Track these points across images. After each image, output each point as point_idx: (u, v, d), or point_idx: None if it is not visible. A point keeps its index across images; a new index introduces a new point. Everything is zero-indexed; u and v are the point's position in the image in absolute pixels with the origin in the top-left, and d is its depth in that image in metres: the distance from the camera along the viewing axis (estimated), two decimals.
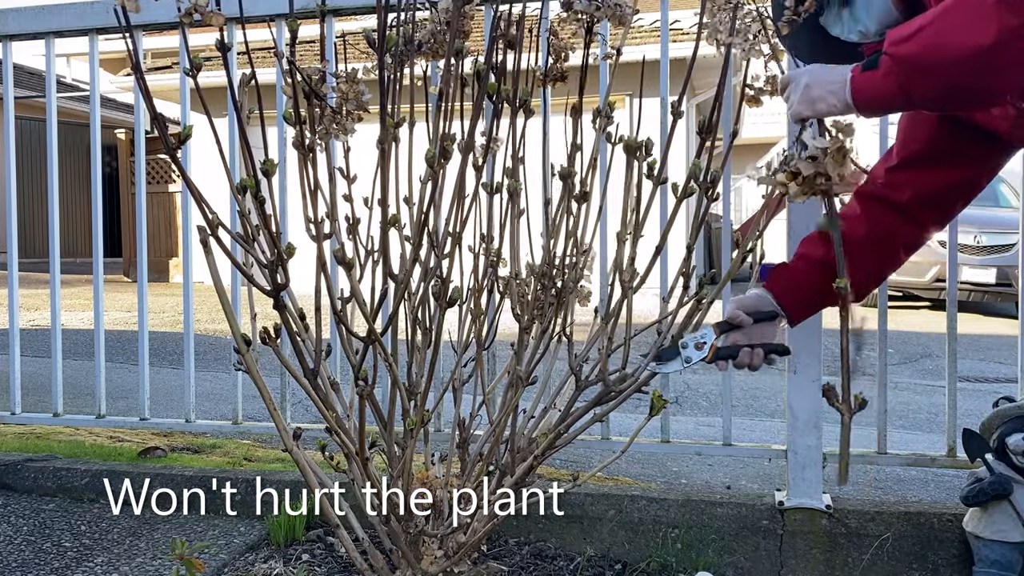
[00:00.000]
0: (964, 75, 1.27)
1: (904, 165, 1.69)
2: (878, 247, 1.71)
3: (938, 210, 1.72)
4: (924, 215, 1.71)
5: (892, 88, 1.33)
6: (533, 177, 1.81)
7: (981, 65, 1.24)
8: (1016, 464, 1.88)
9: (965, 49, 1.23)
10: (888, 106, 1.43)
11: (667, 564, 2.10)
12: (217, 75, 2.02)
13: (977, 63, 1.24)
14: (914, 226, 1.72)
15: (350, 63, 1.60)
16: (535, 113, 1.79)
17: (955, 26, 1.24)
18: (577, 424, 1.75)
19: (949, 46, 1.25)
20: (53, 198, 2.70)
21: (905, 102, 1.38)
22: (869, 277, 1.74)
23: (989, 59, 1.23)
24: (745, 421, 4.27)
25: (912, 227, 1.72)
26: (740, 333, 1.65)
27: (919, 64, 1.29)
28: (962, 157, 1.65)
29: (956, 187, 1.69)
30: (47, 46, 2.71)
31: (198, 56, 1.46)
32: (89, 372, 3.20)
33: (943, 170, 1.66)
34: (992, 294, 9.00)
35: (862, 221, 1.70)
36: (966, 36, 1.23)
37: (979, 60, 1.23)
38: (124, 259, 12.56)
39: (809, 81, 1.44)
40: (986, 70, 1.25)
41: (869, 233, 1.69)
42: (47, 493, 2.53)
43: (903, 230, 1.71)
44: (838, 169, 1.39)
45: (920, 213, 1.70)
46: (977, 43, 1.22)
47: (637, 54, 2.00)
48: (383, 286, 1.59)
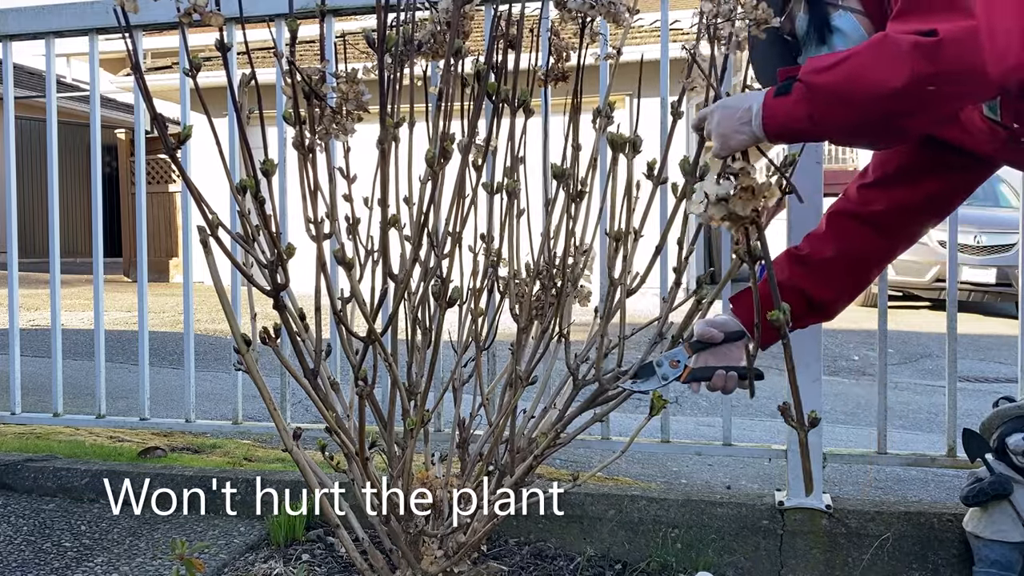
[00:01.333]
0: (874, 112, 1.30)
1: (880, 183, 1.70)
2: (848, 264, 1.71)
3: (912, 226, 1.73)
4: (897, 232, 1.71)
5: (801, 115, 1.33)
6: (534, 177, 1.81)
7: (892, 105, 1.27)
8: (1016, 464, 1.88)
9: (880, 87, 1.26)
10: (796, 134, 1.41)
11: (667, 564, 2.10)
12: (217, 75, 2.02)
13: (888, 103, 1.27)
14: (885, 239, 1.72)
15: (350, 63, 1.60)
16: (535, 113, 1.79)
17: (873, 64, 1.27)
18: (577, 424, 1.75)
19: (864, 81, 1.27)
20: (53, 198, 2.70)
21: (813, 130, 1.38)
22: (840, 295, 1.73)
23: (899, 101, 1.26)
24: (745, 421, 4.27)
25: (882, 240, 1.72)
26: (710, 353, 1.64)
27: (833, 95, 1.30)
28: (938, 175, 1.67)
29: (931, 204, 1.70)
30: (47, 46, 2.71)
31: (198, 56, 1.46)
32: (89, 372, 3.20)
33: (918, 188, 1.67)
34: (992, 294, 9.00)
35: (829, 239, 1.71)
36: (881, 74, 1.26)
37: (890, 100, 1.26)
38: (124, 259, 12.56)
39: (719, 117, 1.41)
40: (895, 111, 1.29)
41: (838, 251, 1.69)
42: (47, 493, 2.53)
43: (873, 244, 1.71)
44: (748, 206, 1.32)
45: (894, 229, 1.70)
46: (890, 83, 1.25)
47: (637, 54, 2.00)
48: (383, 286, 1.59)
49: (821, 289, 1.69)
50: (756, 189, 1.31)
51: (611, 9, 1.66)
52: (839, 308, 1.75)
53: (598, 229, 1.89)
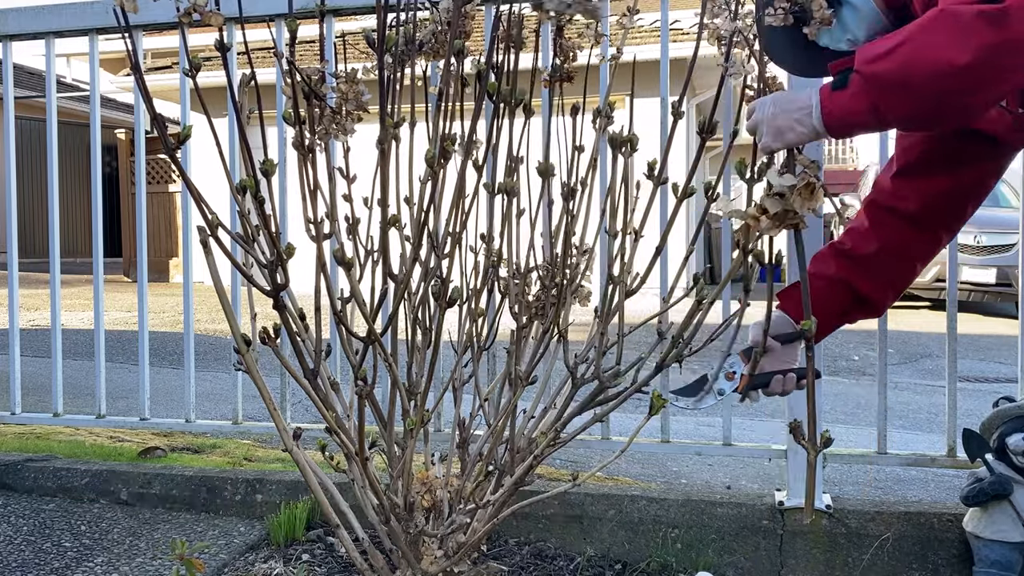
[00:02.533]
0: (941, 93, 1.23)
1: (904, 173, 1.67)
2: (891, 258, 1.68)
3: (948, 215, 1.70)
4: (935, 223, 1.69)
5: (863, 107, 1.29)
6: (534, 177, 1.81)
7: (958, 83, 1.21)
8: (1016, 464, 1.88)
9: (943, 66, 1.19)
10: (858, 126, 1.37)
11: (667, 564, 2.10)
12: (217, 75, 2.02)
13: (954, 81, 1.20)
14: (926, 234, 1.69)
15: (350, 63, 1.60)
16: (535, 113, 1.78)
17: (935, 41, 1.21)
18: (577, 424, 1.75)
19: (927, 62, 1.21)
20: (53, 198, 2.70)
21: (876, 122, 1.33)
22: (887, 289, 1.71)
23: (965, 78, 1.20)
24: (745, 421, 4.27)
25: (924, 235, 1.69)
26: (766, 359, 1.60)
27: (894, 82, 1.25)
28: (962, 160, 1.63)
29: (962, 191, 1.67)
30: (47, 46, 2.71)
31: (197, 56, 1.46)
32: (89, 372, 3.20)
33: (945, 175, 1.64)
34: (992, 294, 9.00)
35: (871, 235, 1.68)
36: (945, 52, 1.19)
37: (956, 78, 1.20)
38: (124, 259, 12.56)
39: (774, 111, 1.39)
40: (963, 89, 1.22)
41: (881, 247, 1.67)
42: (47, 493, 2.53)
43: (915, 240, 1.69)
44: (807, 204, 1.34)
45: (931, 221, 1.68)
46: (956, 60, 1.18)
47: (637, 54, 2.00)
48: (383, 286, 1.59)
49: (867, 283, 1.66)
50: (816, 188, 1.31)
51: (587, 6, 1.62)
52: (887, 303, 1.72)
53: (598, 229, 1.88)
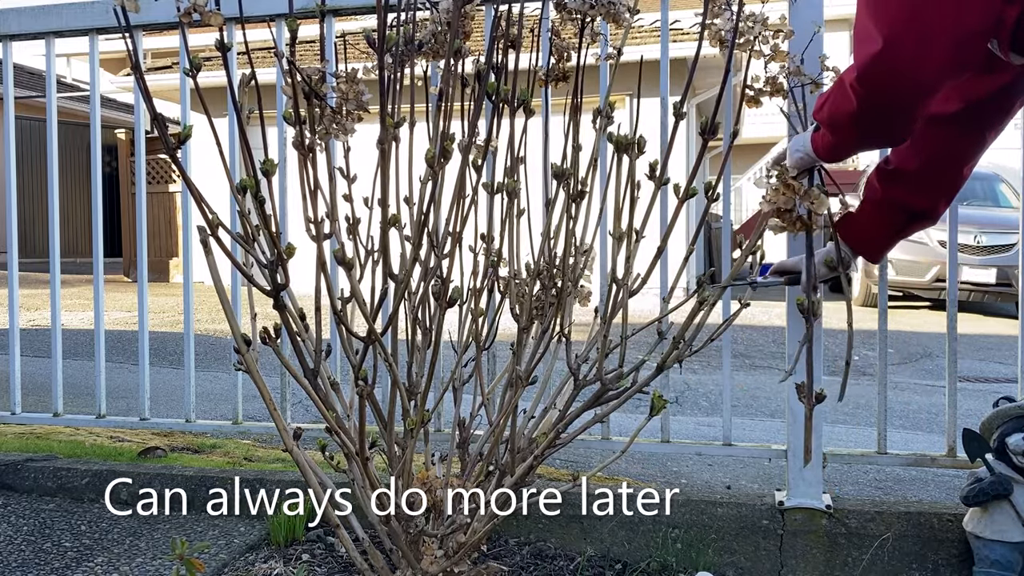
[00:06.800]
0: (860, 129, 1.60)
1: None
2: (939, 168, 1.78)
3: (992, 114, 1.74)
4: (979, 123, 1.74)
5: (826, 142, 1.70)
6: (534, 177, 1.81)
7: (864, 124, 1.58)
8: (1016, 464, 1.88)
9: (847, 115, 1.58)
10: (831, 154, 1.73)
11: (667, 564, 2.10)
12: (217, 75, 2.02)
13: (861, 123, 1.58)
14: (972, 134, 1.75)
15: (350, 63, 1.60)
16: (535, 113, 1.79)
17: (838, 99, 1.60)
18: (578, 424, 1.75)
19: (839, 112, 1.61)
20: (53, 198, 2.70)
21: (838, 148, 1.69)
22: (938, 201, 1.82)
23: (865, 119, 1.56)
24: (745, 421, 4.27)
25: (969, 136, 1.75)
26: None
27: (830, 125, 1.66)
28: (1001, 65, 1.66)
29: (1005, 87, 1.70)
30: (47, 46, 2.71)
31: (198, 56, 1.46)
32: (89, 372, 3.20)
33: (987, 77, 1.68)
34: (992, 294, 9.01)
35: (915, 150, 1.78)
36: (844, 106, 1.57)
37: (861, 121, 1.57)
38: (124, 259, 12.57)
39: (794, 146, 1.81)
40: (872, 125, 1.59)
41: (927, 158, 1.77)
42: (47, 493, 2.53)
43: (961, 142, 1.76)
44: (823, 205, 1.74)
45: (975, 122, 1.73)
46: (850, 111, 1.56)
47: (637, 54, 2.00)
48: (383, 286, 1.59)
49: (918, 198, 1.80)
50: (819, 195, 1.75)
51: (611, 9, 1.66)
52: (941, 210, 1.86)
53: (598, 229, 1.88)
